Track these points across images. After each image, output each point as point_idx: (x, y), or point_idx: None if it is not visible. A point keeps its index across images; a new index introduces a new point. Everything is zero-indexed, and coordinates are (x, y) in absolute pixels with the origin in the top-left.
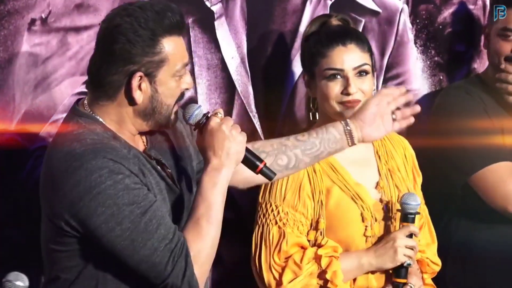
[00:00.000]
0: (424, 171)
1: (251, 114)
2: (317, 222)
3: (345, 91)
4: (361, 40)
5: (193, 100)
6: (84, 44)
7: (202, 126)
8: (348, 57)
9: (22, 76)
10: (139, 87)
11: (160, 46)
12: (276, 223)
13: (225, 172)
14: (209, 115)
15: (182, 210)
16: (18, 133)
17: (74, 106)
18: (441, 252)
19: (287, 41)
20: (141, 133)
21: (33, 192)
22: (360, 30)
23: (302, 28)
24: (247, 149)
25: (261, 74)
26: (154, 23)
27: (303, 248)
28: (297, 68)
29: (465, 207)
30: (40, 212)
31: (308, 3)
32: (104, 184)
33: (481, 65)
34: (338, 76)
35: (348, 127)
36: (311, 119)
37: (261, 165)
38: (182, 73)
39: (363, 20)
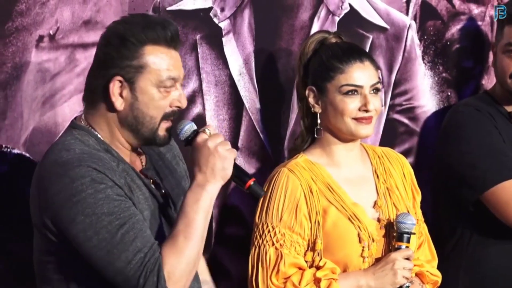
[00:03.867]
0: (430, 189)
1: (259, 130)
2: (314, 242)
3: (364, 108)
4: (372, 58)
5: (201, 116)
6: (92, 61)
7: (191, 142)
8: (366, 74)
9: (30, 92)
10: (121, 94)
11: (141, 52)
12: (273, 244)
13: (209, 188)
14: (197, 132)
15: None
16: (27, 149)
17: (72, 120)
18: (453, 268)
19: (295, 57)
20: (141, 153)
21: None
22: (368, 46)
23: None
24: (235, 166)
25: (269, 90)
26: (140, 29)
27: (301, 269)
28: None
29: (476, 223)
30: None
31: (315, 19)
32: (85, 193)
33: (489, 81)
34: (356, 93)
35: None
36: (316, 135)
37: (250, 181)
38: (168, 86)
39: (371, 37)
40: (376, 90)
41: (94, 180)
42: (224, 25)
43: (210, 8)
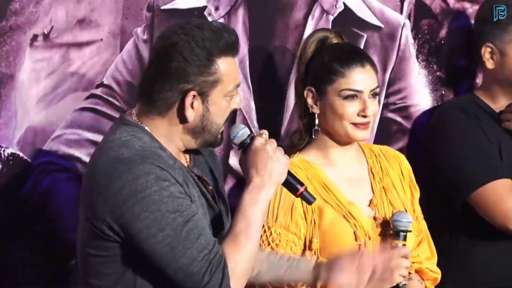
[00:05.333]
0: (423, 189)
1: (253, 130)
2: (311, 242)
3: (362, 113)
4: (373, 61)
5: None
6: (86, 60)
7: (246, 146)
8: (366, 79)
9: (25, 92)
10: (192, 105)
11: (216, 67)
12: (269, 244)
13: (266, 191)
14: (253, 136)
15: (220, 228)
16: (21, 148)
17: (121, 115)
18: (442, 270)
19: (289, 57)
20: (185, 152)
21: (35, 207)
22: (362, 45)
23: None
24: (289, 172)
25: (263, 89)
26: (211, 43)
27: None
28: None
29: (464, 224)
30: (43, 225)
31: (310, 18)
32: (150, 190)
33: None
34: (355, 97)
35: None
36: (313, 136)
37: (301, 189)
38: (233, 94)
39: (365, 35)
40: (375, 95)
41: (159, 178)
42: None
43: (205, 7)
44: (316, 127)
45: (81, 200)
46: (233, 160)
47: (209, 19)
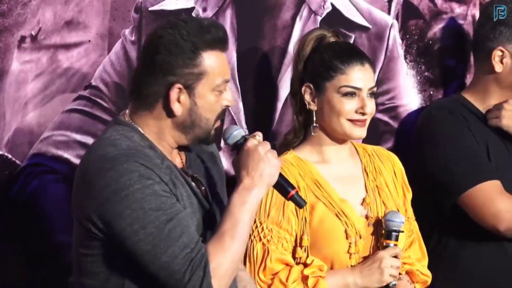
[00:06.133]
0: (413, 190)
1: (243, 131)
2: (301, 238)
3: (361, 110)
4: (371, 61)
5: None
6: (74, 61)
7: (239, 146)
8: (365, 77)
9: (13, 93)
10: (178, 99)
11: (200, 59)
12: (260, 239)
13: (255, 192)
14: (247, 137)
15: (211, 228)
16: (9, 150)
17: (116, 116)
18: (431, 270)
19: (277, 57)
20: (180, 150)
21: (24, 208)
22: None
23: (292, 44)
24: (280, 175)
25: (252, 90)
26: (196, 36)
27: (288, 265)
28: (287, 83)
29: (453, 226)
30: (31, 227)
31: (298, 19)
32: (133, 187)
33: (471, 80)
34: (354, 95)
35: None
36: (312, 133)
37: (292, 192)
38: (222, 89)
39: (353, 36)
40: (373, 94)
41: (142, 176)
42: None
43: (192, 8)
44: (314, 124)
45: (72, 200)
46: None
47: None
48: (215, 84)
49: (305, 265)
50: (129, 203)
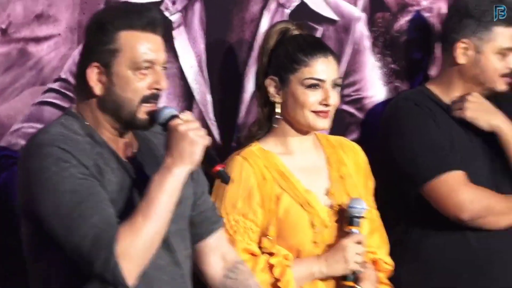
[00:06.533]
0: (376, 180)
1: (209, 122)
2: (267, 229)
3: (324, 102)
4: (335, 53)
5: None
6: (44, 55)
7: (165, 126)
8: (329, 69)
9: None
10: (99, 80)
11: (116, 37)
12: (227, 231)
13: (175, 171)
14: (175, 116)
15: None
16: None
17: (68, 107)
18: (396, 261)
19: (246, 50)
20: (133, 141)
21: None
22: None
23: (261, 36)
24: (206, 152)
25: (220, 82)
26: (116, 17)
27: (254, 255)
28: (254, 76)
29: (417, 215)
30: (1, 219)
31: (265, 12)
32: (50, 171)
33: (435, 73)
34: (317, 87)
35: None
36: (269, 124)
37: (218, 167)
38: (144, 68)
39: (321, 29)
40: (336, 85)
41: (60, 159)
42: (175, 18)
43: (162, 1)
44: (277, 116)
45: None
46: None
47: (166, 13)
48: (133, 62)
49: (271, 254)
50: (46, 186)
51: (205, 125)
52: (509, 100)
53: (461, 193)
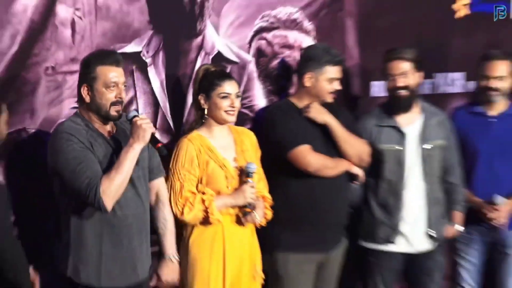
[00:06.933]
0: (263, 156)
1: (168, 119)
2: (201, 179)
3: (231, 106)
4: (235, 78)
5: (136, 111)
6: (75, 81)
7: (130, 121)
8: (232, 87)
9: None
10: (88, 93)
11: (93, 69)
12: (179, 179)
13: (135, 146)
14: (135, 115)
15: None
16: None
17: (76, 110)
18: (272, 195)
19: (188, 79)
20: (114, 127)
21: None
22: (228, 71)
23: (195, 71)
24: (152, 135)
25: (173, 97)
26: (94, 57)
27: (194, 193)
28: (191, 95)
29: (285, 171)
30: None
31: (199, 58)
32: (62, 146)
33: (294, 91)
34: (227, 97)
35: None
36: (202, 120)
37: (158, 144)
38: (111, 86)
39: (229, 66)
40: (238, 97)
41: (67, 139)
42: (148, 60)
43: (141, 51)
44: (206, 116)
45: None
46: None
47: (143, 57)
48: (105, 83)
49: (203, 193)
50: (61, 154)
51: (165, 121)
52: (334, 107)
53: (308, 157)
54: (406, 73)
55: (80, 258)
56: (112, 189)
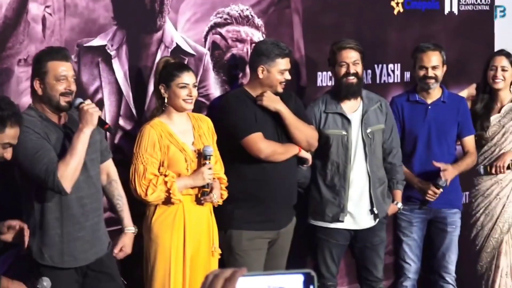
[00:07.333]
0: (218, 139)
1: (131, 107)
2: (163, 162)
3: (189, 95)
4: (192, 69)
5: (101, 100)
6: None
7: (77, 108)
8: (190, 78)
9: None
10: (40, 86)
11: (45, 64)
12: (142, 163)
13: (85, 131)
14: (82, 102)
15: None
16: None
17: (29, 104)
18: (228, 177)
19: (149, 70)
20: (65, 117)
21: None
22: (186, 63)
23: (155, 63)
24: (100, 118)
25: (136, 86)
26: (45, 53)
27: (156, 176)
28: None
29: (239, 156)
30: None
31: (159, 50)
32: (22, 139)
33: (247, 81)
34: (185, 87)
35: None
36: (162, 108)
37: (106, 126)
38: (61, 79)
39: (187, 59)
40: (195, 86)
41: (24, 132)
42: (113, 53)
43: (106, 45)
44: (166, 104)
45: None
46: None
47: (108, 50)
48: (55, 76)
49: (165, 175)
50: (18, 146)
51: (129, 109)
52: (285, 95)
53: (260, 144)
54: (357, 62)
55: (43, 241)
56: (69, 172)
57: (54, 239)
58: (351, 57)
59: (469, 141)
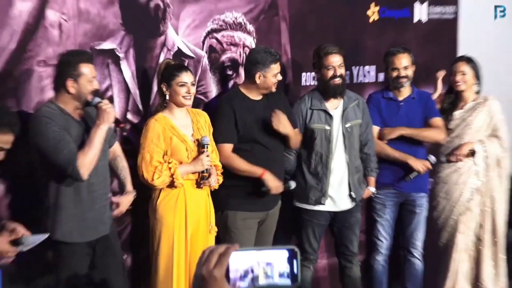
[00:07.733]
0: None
1: (137, 103)
2: (166, 152)
3: (188, 92)
4: (191, 70)
5: (111, 97)
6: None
7: (96, 106)
8: (189, 77)
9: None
10: (73, 86)
11: (78, 67)
12: (148, 152)
13: (102, 127)
14: (100, 101)
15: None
16: None
17: (50, 98)
18: (224, 175)
19: (153, 71)
20: (83, 112)
21: None
22: (186, 64)
23: (159, 65)
24: (116, 118)
25: (142, 85)
26: (76, 56)
27: (161, 163)
28: (156, 84)
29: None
30: None
31: (162, 53)
32: (42, 129)
33: (240, 81)
34: (185, 85)
35: None
36: (164, 104)
37: (121, 125)
38: (91, 81)
39: (187, 60)
40: (193, 85)
41: (46, 123)
42: (121, 55)
43: (115, 48)
44: (167, 101)
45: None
46: None
47: (117, 53)
48: (87, 79)
49: (169, 162)
50: (42, 136)
51: (136, 105)
52: (276, 95)
53: (226, 155)
54: (342, 65)
55: (56, 219)
56: (87, 161)
57: (66, 218)
58: (337, 61)
59: (437, 120)
